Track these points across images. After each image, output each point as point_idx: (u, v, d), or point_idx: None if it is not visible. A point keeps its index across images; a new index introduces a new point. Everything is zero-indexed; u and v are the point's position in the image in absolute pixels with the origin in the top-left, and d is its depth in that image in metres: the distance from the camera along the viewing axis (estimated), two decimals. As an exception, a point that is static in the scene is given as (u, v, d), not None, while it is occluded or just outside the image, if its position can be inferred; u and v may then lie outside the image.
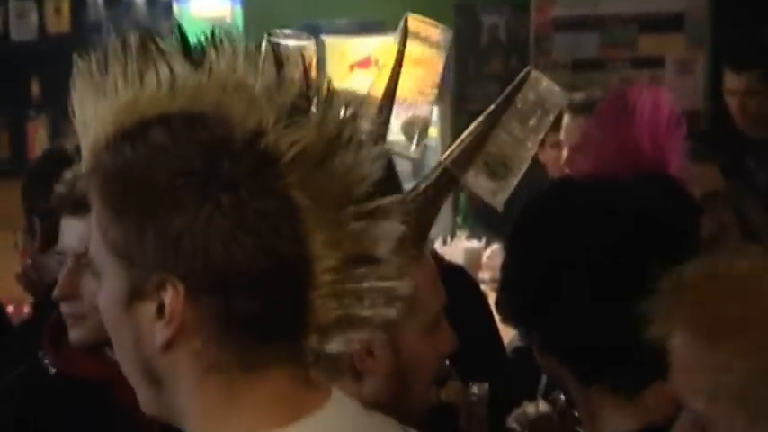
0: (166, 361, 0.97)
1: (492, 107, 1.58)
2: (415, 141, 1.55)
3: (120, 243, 0.96)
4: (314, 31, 4.32)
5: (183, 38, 0.99)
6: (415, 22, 1.62)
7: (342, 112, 1.00)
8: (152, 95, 0.98)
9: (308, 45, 1.65)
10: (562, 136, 3.67)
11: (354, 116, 1.01)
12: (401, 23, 1.60)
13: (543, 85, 1.61)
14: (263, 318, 0.96)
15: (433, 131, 4.47)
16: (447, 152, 1.55)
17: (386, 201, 1.00)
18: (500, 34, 4.84)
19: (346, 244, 0.97)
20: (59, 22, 4.13)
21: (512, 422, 1.90)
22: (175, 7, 4.26)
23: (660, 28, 4.87)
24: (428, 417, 1.64)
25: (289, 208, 0.95)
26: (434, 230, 4.30)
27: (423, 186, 1.56)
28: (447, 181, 1.55)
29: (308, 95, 0.98)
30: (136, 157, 0.96)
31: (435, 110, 4.43)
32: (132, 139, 0.97)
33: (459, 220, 4.33)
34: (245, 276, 0.94)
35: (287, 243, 0.95)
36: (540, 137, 1.61)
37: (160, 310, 0.95)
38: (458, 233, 4.22)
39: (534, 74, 1.61)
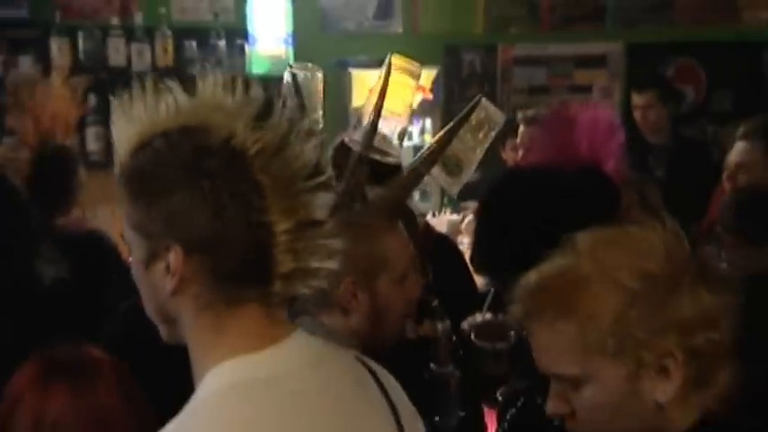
0: (174, 304, 0.98)
1: (451, 123, 1.55)
2: (398, 145, 1.54)
3: (138, 222, 0.98)
4: (344, 65, 4.36)
5: (183, 78, 1.01)
6: (399, 59, 1.58)
7: (292, 116, 1.00)
8: (162, 118, 0.98)
9: (318, 74, 1.61)
10: (518, 141, 3.68)
11: (300, 119, 1.00)
12: (386, 60, 1.54)
13: (490, 109, 1.58)
14: (240, 268, 0.95)
15: (428, 137, 4.48)
16: (418, 155, 1.51)
17: (323, 178, 0.99)
18: (476, 67, 4.80)
19: (298, 211, 0.96)
20: (166, 58, 4.11)
21: (463, 325, 1.88)
22: (247, 48, 4.23)
23: (589, 65, 4.86)
24: (409, 346, 1.61)
25: (255, 188, 0.95)
26: (427, 207, 4.32)
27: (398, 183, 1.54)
28: (416, 175, 1.51)
29: (268, 107, 0.98)
30: (145, 159, 0.97)
31: (429, 121, 4.45)
32: (144, 148, 0.98)
33: (445, 200, 4.29)
34: (225, 239, 0.94)
35: (255, 214, 0.94)
36: (486, 146, 1.57)
37: (167, 267, 0.96)
38: (443, 209, 4.23)
39: (483, 101, 1.58)
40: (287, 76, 1.52)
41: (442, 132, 1.52)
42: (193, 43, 4.15)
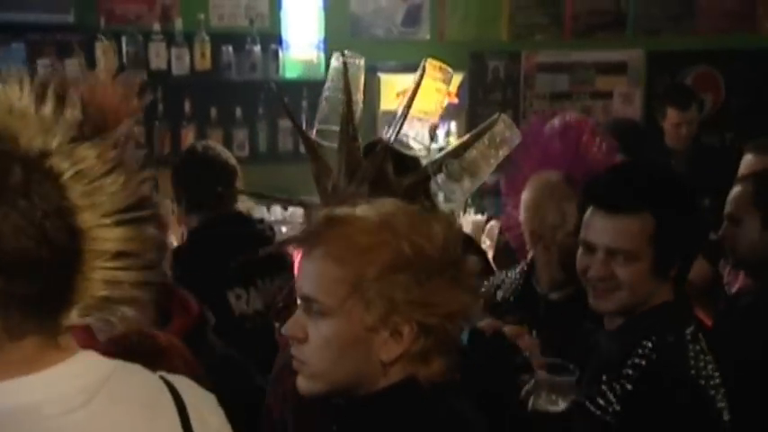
0: None
1: (469, 135, 1.55)
2: (429, 141, 1.56)
3: None
4: (373, 70, 4.37)
5: None
6: (432, 65, 1.56)
7: (117, 142, 0.91)
8: None
9: (361, 62, 1.60)
10: None
11: (126, 146, 0.91)
12: (422, 64, 1.57)
13: (514, 129, 1.56)
14: (37, 295, 0.86)
15: (452, 140, 4.48)
16: (433, 157, 1.54)
17: (144, 212, 0.91)
18: (500, 74, 4.79)
19: (113, 242, 0.88)
20: (204, 63, 4.14)
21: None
22: (280, 53, 4.26)
23: (610, 71, 4.84)
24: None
25: (68, 212, 0.86)
26: (451, 208, 4.33)
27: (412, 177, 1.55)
28: (423, 176, 1.54)
29: (88, 126, 0.90)
30: None
31: (453, 124, 4.46)
32: None
33: (469, 200, 4.25)
34: (27, 261, 0.84)
35: (64, 238, 0.86)
36: (497, 162, 1.58)
37: None
38: (468, 210, 4.23)
39: (505, 118, 1.55)
40: (337, 63, 1.58)
41: (458, 142, 1.55)
42: (230, 48, 4.18)
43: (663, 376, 1.49)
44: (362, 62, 1.58)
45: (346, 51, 1.56)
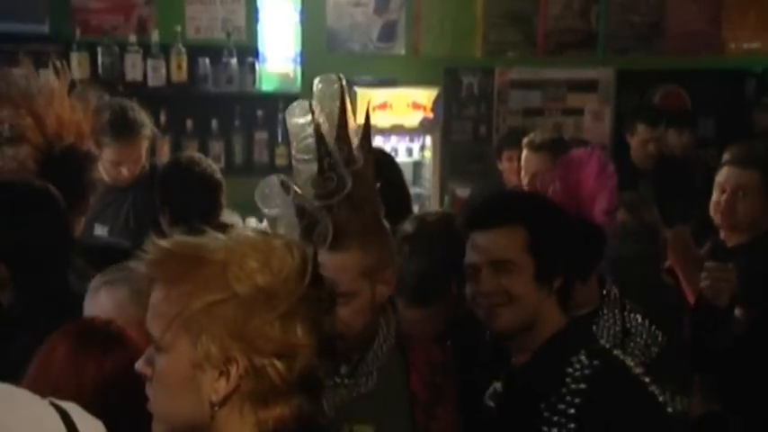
0: None
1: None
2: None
3: None
4: (349, 84, 4.29)
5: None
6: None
7: None
8: None
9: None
10: (522, 164, 3.57)
11: None
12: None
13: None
14: None
15: (428, 154, 4.45)
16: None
17: None
18: (474, 89, 4.77)
19: None
20: (180, 75, 4.08)
21: None
22: (257, 66, 4.21)
23: (581, 89, 4.85)
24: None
25: None
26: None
27: None
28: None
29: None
30: None
31: (429, 138, 4.42)
32: None
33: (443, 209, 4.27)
34: None
35: None
36: None
37: None
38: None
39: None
40: (319, 87, 1.61)
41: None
42: (206, 60, 4.13)
43: (613, 377, 1.49)
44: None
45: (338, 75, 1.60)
